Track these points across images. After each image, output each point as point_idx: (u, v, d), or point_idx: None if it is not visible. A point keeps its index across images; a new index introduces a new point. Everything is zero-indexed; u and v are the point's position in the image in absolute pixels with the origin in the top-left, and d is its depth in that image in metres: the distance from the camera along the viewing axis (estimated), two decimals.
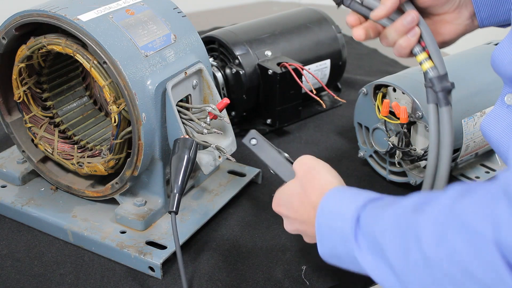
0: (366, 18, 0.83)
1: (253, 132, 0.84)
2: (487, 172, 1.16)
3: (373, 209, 0.68)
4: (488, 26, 0.85)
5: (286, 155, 0.86)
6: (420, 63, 0.80)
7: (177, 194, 0.86)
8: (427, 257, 0.57)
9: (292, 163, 0.83)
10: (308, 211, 0.77)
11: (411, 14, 0.79)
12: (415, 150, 1.07)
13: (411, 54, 0.81)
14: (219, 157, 0.94)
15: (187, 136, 0.89)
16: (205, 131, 0.92)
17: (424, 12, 0.84)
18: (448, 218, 0.56)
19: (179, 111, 0.92)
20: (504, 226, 0.51)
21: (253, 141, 0.84)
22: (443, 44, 0.86)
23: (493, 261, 0.52)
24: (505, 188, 0.53)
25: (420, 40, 0.80)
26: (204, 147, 0.94)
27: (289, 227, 0.83)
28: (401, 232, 0.61)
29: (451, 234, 0.55)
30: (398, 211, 0.63)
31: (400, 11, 0.81)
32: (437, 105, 0.80)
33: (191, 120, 0.93)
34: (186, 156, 0.87)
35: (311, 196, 0.77)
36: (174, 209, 0.86)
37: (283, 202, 0.82)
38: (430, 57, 0.80)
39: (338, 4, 0.84)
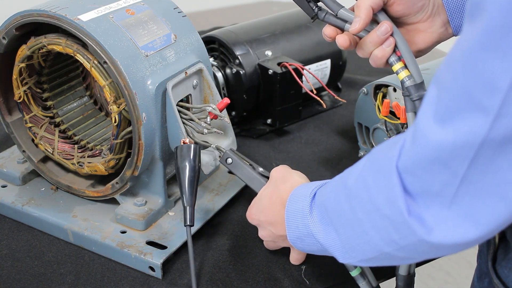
0: (342, 30, 0.83)
1: (228, 153, 0.92)
2: None
3: (327, 185, 0.76)
4: None
5: (261, 169, 0.93)
6: (396, 73, 0.80)
7: (188, 207, 0.88)
8: (348, 192, 0.68)
9: (267, 177, 0.91)
10: (277, 209, 0.84)
11: (385, 24, 0.79)
12: None
13: (387, 64, 0.81)
14: (219, 157, 0.94)
15: (187, 139, 0.89)
16: (205, 131, 0.92)
17: (397, 22, 0.84)
18: (366, 160, 0.68)
19: (179, 111, 0.92)
20: (403, 154, 0.61)
21: (229, 160, 0.92)
22: (419, 52, 0.85)
23: (390, 183, 0.61)
24: (414, 126, 0.60)
25: (395, 49, 0.80)
26: (204, 147, 0.94)
27: (263, 233, 0.89)
28: (336, 189, 0.71)
29: (366, 169, 0.66)
30: (338, 177, 0.73)
31: (374, 21, 0.81)
32: (415, 113, 0.80)
33: (191, 120, 0.93)
34: (192, 166, 0.88)
35: (282, 194, 0.84)
36: (189, 223, 0.88)
37: (254, 208, 0.88)
38: (406, 66, 0.80)
39: (313, 18, 0.84)
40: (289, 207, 0.81)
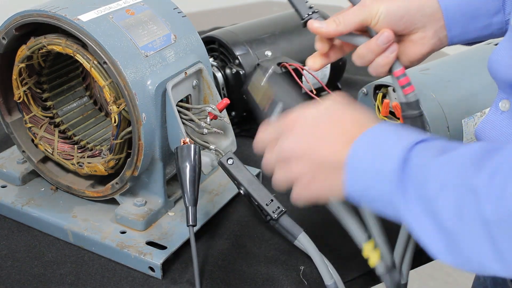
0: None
1: (229, 153, 0.90)
2: None
3: (424, 151, 0.60)
4: (457, 43, 0.82)
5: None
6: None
7: (190, 207, 0.87)
8: (485, 217, 0.53)
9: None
10: (338, 144, 0.64)
11: (385, 32, 0.75)
12: None
13: (389, 72, 0.78)
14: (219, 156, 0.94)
15: (187, 139, 0.89)
16: (205, 131, 0.92)
17: None
18: (505, 165, 0.52)
19: (179, 111, 0.92)
20: None
21: (230, 161, 0.89)
22: (411, 63, 0.82)
23: None
24: None
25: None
26: (204, 148, 0.94)
27: (298, 145, 0.67)
28: (456, 186, 0.56)
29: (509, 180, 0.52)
30: (455, 161, 0.57)
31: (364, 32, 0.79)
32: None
33: (191, 120, 0.93)
34: (192, 166, 0.87)
35: (347, 126, 0.65)
36: (191, 223, 0.87)
37: (299, 125, 0.67)
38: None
39: (304, 24, 0.82)
40: (356, 157, 0.63)
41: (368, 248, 0.74)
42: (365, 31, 0.79)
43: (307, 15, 0.81)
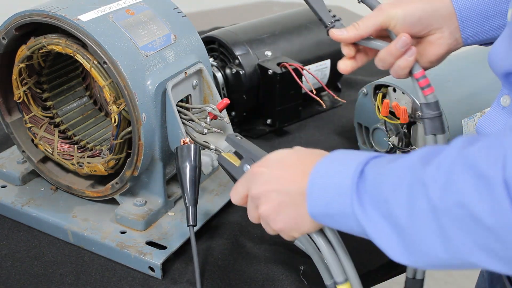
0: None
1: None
2: None
3: (377, 163, 0.64)
4: (473, 44, 0.85)
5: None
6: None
7: (190, 207, 0.87)
8: (434, 205, 0.57)
9: None
10: (298, 175, 0.69)
11: (403, 37, 0.78)
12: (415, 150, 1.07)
13: (410, 74, 0.80)
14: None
15: (187, 139, 0.89)
16: (205, 131, 0.92)
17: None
18: (455, 163, 0.56)
19: (179, 111, 0.92)
20: (509, 167, 0.51)
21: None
22: (430, 64, 0.85)
23: (500, 203, 0.52)
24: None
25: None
26: (204, 148, 0.94)
27: (265, 206, 0.71)
28: (407, 184, 0.59)
29: (458, 179, 0.55)
30: (404, 164, 0.61)
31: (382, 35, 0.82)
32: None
33: (191, 120, 0.93)
34: (193, 166, 0.87)
35: (306, 162, 0.70)
36: (192, 223, 0.87)
37: (269, 162, 0.73)
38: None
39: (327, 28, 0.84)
40: (317, 176, 0.67)
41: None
42: (386, 37, 0.82)
43: (329, 23, 0.84)
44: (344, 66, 0.86)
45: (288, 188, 0.70)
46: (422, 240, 0.59)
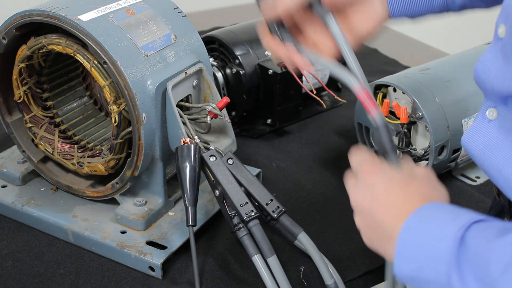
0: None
1: (229, 154, 0.89)
2: None
3: (482, 230, 0.57)
4: (400, 16, 0.83)
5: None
6: None
7: (190, 207, 0.87)
8: None
9: None
10: (396, 214, 0.63)
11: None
12: (415, 150, 1.07)
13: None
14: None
15: (187, 139, 0.89)
16: (206, 130, 0.92)
17: (334, 9, 0.81)
18: None
19: (179, 111, 0.92)
20: None
21: (230, 161, 0.89)
22: (361, 38, 0.82)
23: None
24: None
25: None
26: (204, 148, 0.94)
27: (361, 223, 0.67)
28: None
29: None
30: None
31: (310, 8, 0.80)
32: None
33: (192, 120, 0.93)
34: (193, 166, 0.87)
35: (410, 199, 0.63)
36: (191, 223, 0.87)
37: (373, 180, 0.67)
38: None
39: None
40: (408, 235, 0.60)
41: None
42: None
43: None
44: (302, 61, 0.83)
45: (382, 222, 0.64)
46: None
